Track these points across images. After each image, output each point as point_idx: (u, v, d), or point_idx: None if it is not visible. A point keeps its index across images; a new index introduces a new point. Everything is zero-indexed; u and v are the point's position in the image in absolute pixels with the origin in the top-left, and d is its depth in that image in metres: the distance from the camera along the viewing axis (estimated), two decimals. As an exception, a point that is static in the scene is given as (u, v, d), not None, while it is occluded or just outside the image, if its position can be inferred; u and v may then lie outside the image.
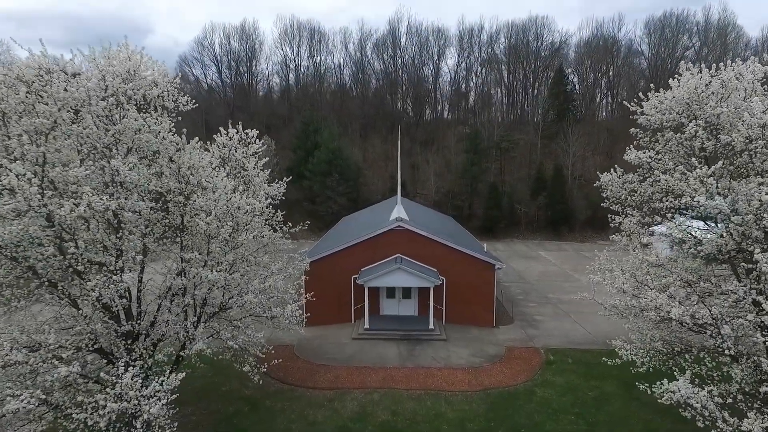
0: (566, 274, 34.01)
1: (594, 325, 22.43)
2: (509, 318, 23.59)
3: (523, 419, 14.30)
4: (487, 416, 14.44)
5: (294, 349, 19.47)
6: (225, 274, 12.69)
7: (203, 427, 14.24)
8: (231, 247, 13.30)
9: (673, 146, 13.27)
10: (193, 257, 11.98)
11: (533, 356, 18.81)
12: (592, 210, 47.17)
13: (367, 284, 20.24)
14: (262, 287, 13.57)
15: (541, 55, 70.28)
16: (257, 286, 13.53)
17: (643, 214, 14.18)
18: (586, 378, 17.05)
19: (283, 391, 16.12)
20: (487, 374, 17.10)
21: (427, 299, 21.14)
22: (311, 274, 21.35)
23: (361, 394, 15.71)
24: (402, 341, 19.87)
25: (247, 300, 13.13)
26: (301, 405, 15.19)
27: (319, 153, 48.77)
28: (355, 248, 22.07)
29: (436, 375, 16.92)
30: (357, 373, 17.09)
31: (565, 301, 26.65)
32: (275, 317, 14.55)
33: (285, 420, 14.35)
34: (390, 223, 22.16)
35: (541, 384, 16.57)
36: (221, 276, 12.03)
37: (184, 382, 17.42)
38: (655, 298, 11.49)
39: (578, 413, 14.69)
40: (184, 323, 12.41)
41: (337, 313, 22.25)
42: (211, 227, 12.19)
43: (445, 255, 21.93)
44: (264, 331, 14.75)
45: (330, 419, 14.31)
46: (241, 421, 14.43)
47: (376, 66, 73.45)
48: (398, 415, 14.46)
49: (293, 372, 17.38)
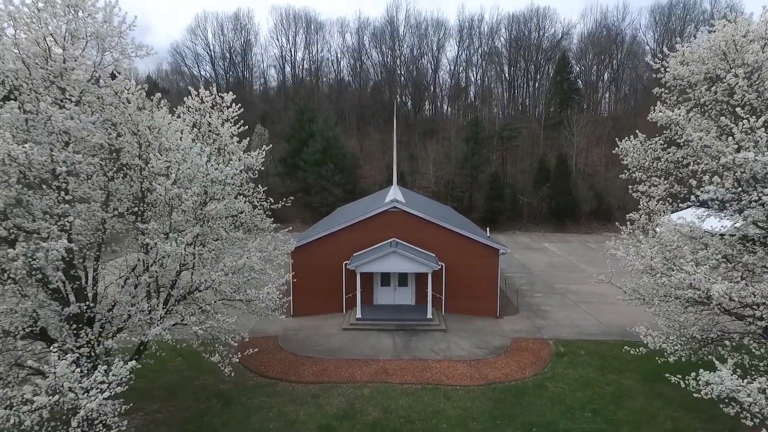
0: (573, 265, 32.25)
1: (606, 316, 20.70)
2: (514, 308, 21.83)
3: (533, 417, 12.53)
4: (492, 413, 12.67)
5: (278, 340, 17.70)
6: (190, 249, 10.95)
7: (169, 425, 12.46)
8: (198, 219, 11.58)
9: (708, 102, 11.50)
10: (150, 228, 10.22)
11: (542, 348, 17.04)
12: (597, 201, 45.45)
13: (358, 269, 18.46)
14: (234, 265, 11.79)
15: (543, 47, 68.46)
16: (229, 265, 11.76)
17: (671, 183, 12.42)
18: (601, 371, 15.29)
19: (262, 386, 14.35)
20: (491, 367, 15.32)
21: (424, 287, 19.37)
22: (299, 260, 19.62)
23: (349, 389, 13.94)
24: (397, 332, 18.09)
25: (215, 278, 11.38)
26: (282, 401, 13.41)
27: (313, 142, 47.00)
28: (347, 232, 20.29)
29: (435, 368, 15.15)
30: (346, 365, 15.31)
31: (573, 292, 24.90)
32: (251, 301, 12.83)
33: (261, 418, 12.58)
34: (384, 205, 20.39)
35: (552, 378, 14.81)
36: (180, 250, 10.26)
37: (152, 377, 15.75)
38: (693, 272, 9.70)
39: (596, 410, 12.92)
40: (144, 306, 10.64)
41: (327, 303, 20.48)
42: (170, 193, 10.44)
43: (445, 239, 20.15)
44: (237, 316, 12.95)
45: (313, 417, 12.54)
46: (212, 419, 12.66)
47: (374, 55, 71.65)
48: (391, 412, 12.69)
49: (275, 365, 15.60)
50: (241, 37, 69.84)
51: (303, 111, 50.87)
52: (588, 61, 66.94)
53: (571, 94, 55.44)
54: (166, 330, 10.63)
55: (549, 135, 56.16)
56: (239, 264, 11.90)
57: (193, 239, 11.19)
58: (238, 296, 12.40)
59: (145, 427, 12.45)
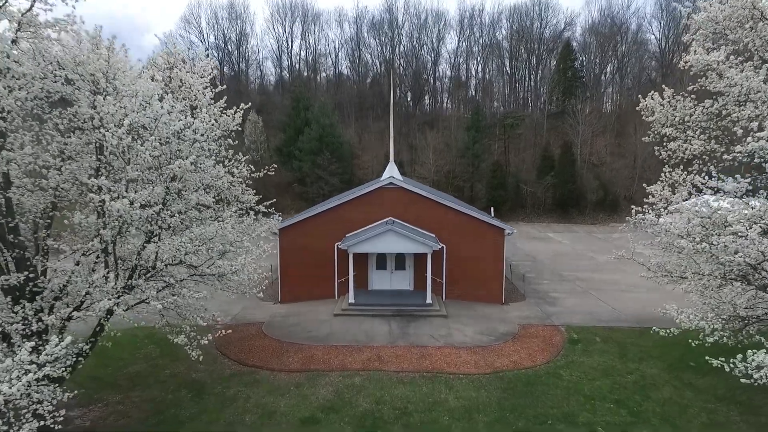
0: (580, 253, 30.64)
1: (620, 303, 19.10)
2: (520, 295, 20.22)
3: (548, 408, 10.91)
4: (501, 404, 11.06)
5: (262, 326, 16.08)
6: (149, 212, 9.33)
7: (129, 418, 10.85)
8: (164, 180, 9.99)
9: (753, 42, 9.88)
10: (97, 183, 8.60)
11: (553, 334, 15.43)
12: (603, 191, 43.82)
13: (351, 250, 16.84)
14: (203, 233, 10.17)
15: (545, 37, 66.68)
16: (198, 233, 10.14)
17: (707, 138, 10.79)
18: (621, 359, 13.68)
19: (240, 375, 12.74)
20: (497, 354, 13.71)
21: (423, 271, 17.75)
22: (287, 242, 18.04)
23: (338, 378, 12.33)
24: (394, 318, 16.48)
25: (182, 248, 9.77)
26: (261, 391, 11.80)
27: (309, 130, 45.34)
28: (339, 210, 18.67)
29: (435, 355, 13.54)
30: (335, 352, 13.70)
31: (582, 279, 23.30)
32: (223, 275, 11.21)
33: (236, 410, 10.96)
34: (380, 181, 18.78)
35: (567, 366, 13.20)
36: (135, 211, 8.66)
37: (119, 365, 14.05)
38: (745, 232, 8.07)
39: (618, 401, 11.31)
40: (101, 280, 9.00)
41: (317, 288, 18.86)
42: (123, 143, 8.84)
43: (446, 218, 18.54)
44: (208, 294, 11.36)
45: (295, 408, 10.93)
46: (179, 411, 11.04)
47: (372, 43, 69.81)
48: (384, 404, 11.08)
49: (256, 352, 13.99)
50: (236, 27, 68.18)
51: (298, 99, 49.20)
52: (591, 52, 65.27)
53: (575, 82, 53.72)
54: (124, 306, 9.03)
55: (552, 125, 54.53)
56: (209, 232, 10.31)
57: (159, 203, 9.61)
58: (208, 270, 10.78)
59: (102, 419, 10.84)
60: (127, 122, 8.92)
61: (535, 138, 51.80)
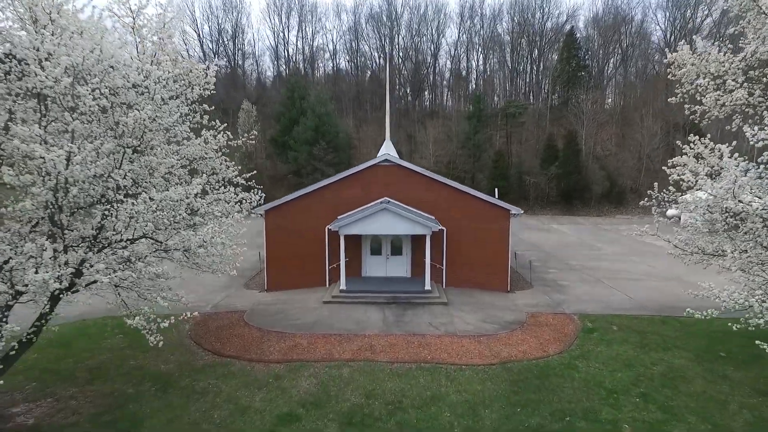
0: (587, 244, 29.14)
1: (636, 292, 17.63)
2: (526, 283, 18.74)
3: (565, 403, 9.42)
4: (509, 399, 9.58)
5: (244, 315, 14.59)
6: (94, 169, 7.85)
7: (80, 415, 9.36)
8: (117, 136, 8.54)
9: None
10: (23, 133, 7.13)
11: (565, 323, 13.94)
12: (609, 182, 42.31)
13: (342, 231, 15.34)
14: (163, 198, 8.68)
15: (546, 30, 65.06)
16: (157, 198, 8.64)
17: (750, 89, 9.30)
18: (642, 349, 12.19)
19: (213, 366, 11.25)
20: (504, 343, 12.22)
21: (422, 256, 16.27)
22: (273, 224, 16.59)
23: (323, 369, 10.84)
24: (389, 305, 14.99)
25: (136, 214, 8.28)
26: (235, 384, 10.32)
27: (305, 119, 43.83)
28: (330, 190, 17.18)
29: (434, 344, 12.05)
30: (322, 342, 12.21)
31: (592, 268, 21.81)
32: (188, 250, 9.72)
33: (204, 405, 9.48)
34: (375, 159, 17.28)
35: (583, 356, 11.71)
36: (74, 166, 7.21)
37: (81, 357, 12.55)
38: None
39: (645, 394, 9.81)
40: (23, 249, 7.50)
41: (307, 275, 17.38)
42: (60, 85, 7.40)
43: (446, 199, 17.05)
44: (179, 276, 9.90)
45: (272, 403, 9.44)
46: (139, 406, 9.56)
47: (370, 32, 68.15)
48: (375, 398, 9.59)
49: (234, 341, 12.51)
50: (231, 17, 66.66)
51: (294, 88, 47.69)
52: (595, 41, 63.64)
53: (579, 72, 52.16)
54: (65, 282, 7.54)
55: (555, 117, 53.04)
56: (172, 196, 8.80)
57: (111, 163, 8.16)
58: (172, 243, 9.28)
59: (49, 416, 9.35)
60: (66, 61, 7.46)
61: (537, 130, 50.26)
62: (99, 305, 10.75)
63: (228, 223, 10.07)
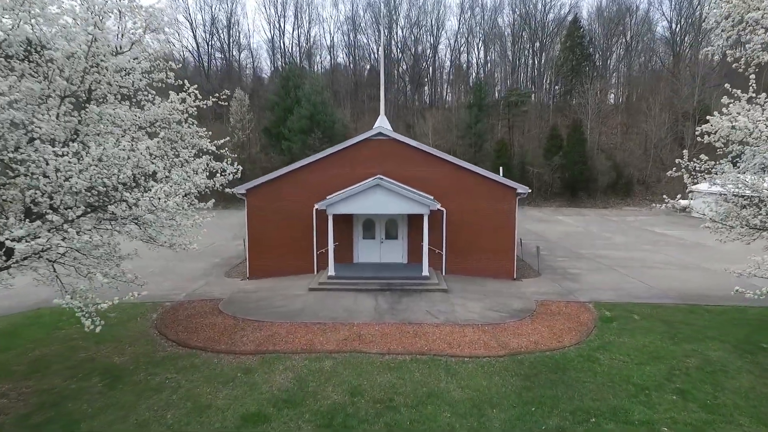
0: (595, 233, 27.57)
1: (654, 280, 16.10)
2: (533, 271, 17.18)
3: (588, 402, 7.86)
4: (522, 396, 8.01)
5: (220, 303, 13.02)
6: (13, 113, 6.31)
7: (6, 415, 7.79)
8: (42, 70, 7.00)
9: None
10: None
11: (580, 312, 12.39)
12: (615, 173, 40.73)
13: (330, 210, 13.79)
14: (101, 154, 7.09)
15: (548, 21, 63.27)
16: (95, 154, 7.05)
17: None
18: (672, 339, 10.63)
19: (175, 358, 9.69)
20: (513, 333, 10.66)
21: (419, 241, 14.72)
22: (255, 205, 15.07)
23: (302, 361, 9.28)
24: (382, 292, 13.43)
25: (66, 171, 6.71)
26: (197, 378, 8.76)
27: (299, 108, 42.24)
28: (318, 168, 15.61)
29: (432, 333, 10.48)
30: (303, 331, 10.65)
31: (602, 257, 20.25)
32: (139, 218, 8.13)
33: (157, 403, 7.91)
34: (367, 132, 15.72)
35: (603, 347, 10.15)
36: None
37: (27, 347, 10.93)
38: None
39: (682, 391, 8.25)
40: None
41: (293, 262, 15.82)
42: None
43: (446, 177, 15.50)
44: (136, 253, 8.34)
45: (236, 402, 7.88)
46: (81, 405, 7.99)
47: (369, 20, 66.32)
48: (361, 395, 8.03)
49: (204, 331, 10.95)
50: (226, 7, 64.98)
51: (289, 76, 46.09)
52: (599, 29, 61.86)
53: (583, 60, 50.53)
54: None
55: (559, 107, 51.48)
56: (115, 154, 7.22)
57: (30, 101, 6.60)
58: (114, 208, 7.69)
59: (-32, 417, 7.78)
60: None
61: (540, 121, 48.67)
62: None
63: (189, 187, 8.45)
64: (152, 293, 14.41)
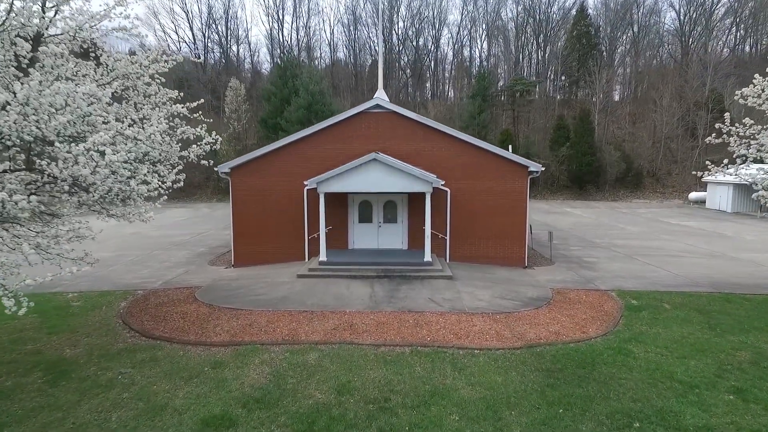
0: (607, 224, 26.08)
1: (679, 268, 14.65)
2: (545, 259, 15.74)
3: (627, 402, 6.42)
4: (546, 395, 6.58)
5: (197, 291, 11.62)
6: None
7: None
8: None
9: None
10: None
11: (602, 300, 10.94)
12: (625, 164, 39.18)
13: (322, 189, 12.37)
14: (28, 95, 5.68)
15: (552, 12, 61.52)
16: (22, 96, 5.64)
17: None
18: (713, 331, 9.18)
19: (135, 350, 8.28)
20: (529, 323, 9.22)
21: (421, 224, 13.31)
22: (240, 185, 13.68)
23: (282, 354, 7.87)
24: (379, 279, 12.00)
25: None
26: (156, 373, 7.35)
27: (297, 98, 40.80)
28: (309, 144, 14.21)
29: (436, 323, 9.05)
30: (286, 320, 9.24)
31: (619, 246, 18.78)
32: (77, 179, 6.70)
33: (103, 403, 6.51)
34: (363, 104, 14.30)
35: (635, 339, 8.70)
36: None
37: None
38: None
39: (741, 390, 6.80)
40: None
41: (282, 247, 14.41)
42: None
43: (451, 154, 14.06)
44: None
45: (198, 401, 6.47)
46: (11, 405, 6.60)
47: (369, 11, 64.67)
48: (350, 393, 6.61)
49: (173, 320, 9.55)
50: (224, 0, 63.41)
51: (286, 66, 44.67)
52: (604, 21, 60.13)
53: (590, 49, 48.92)
54: None
55: (565, 99, 49.95)
56: (49, 98, 5.82)
57: None
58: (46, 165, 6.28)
59: None
60: None
61: (545, 112, 47.10)
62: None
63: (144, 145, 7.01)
64: (127, 282, 13.08)
